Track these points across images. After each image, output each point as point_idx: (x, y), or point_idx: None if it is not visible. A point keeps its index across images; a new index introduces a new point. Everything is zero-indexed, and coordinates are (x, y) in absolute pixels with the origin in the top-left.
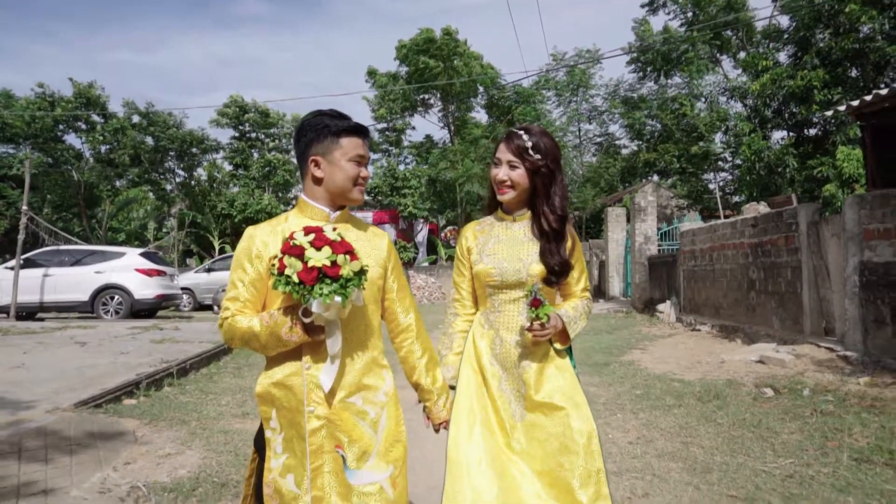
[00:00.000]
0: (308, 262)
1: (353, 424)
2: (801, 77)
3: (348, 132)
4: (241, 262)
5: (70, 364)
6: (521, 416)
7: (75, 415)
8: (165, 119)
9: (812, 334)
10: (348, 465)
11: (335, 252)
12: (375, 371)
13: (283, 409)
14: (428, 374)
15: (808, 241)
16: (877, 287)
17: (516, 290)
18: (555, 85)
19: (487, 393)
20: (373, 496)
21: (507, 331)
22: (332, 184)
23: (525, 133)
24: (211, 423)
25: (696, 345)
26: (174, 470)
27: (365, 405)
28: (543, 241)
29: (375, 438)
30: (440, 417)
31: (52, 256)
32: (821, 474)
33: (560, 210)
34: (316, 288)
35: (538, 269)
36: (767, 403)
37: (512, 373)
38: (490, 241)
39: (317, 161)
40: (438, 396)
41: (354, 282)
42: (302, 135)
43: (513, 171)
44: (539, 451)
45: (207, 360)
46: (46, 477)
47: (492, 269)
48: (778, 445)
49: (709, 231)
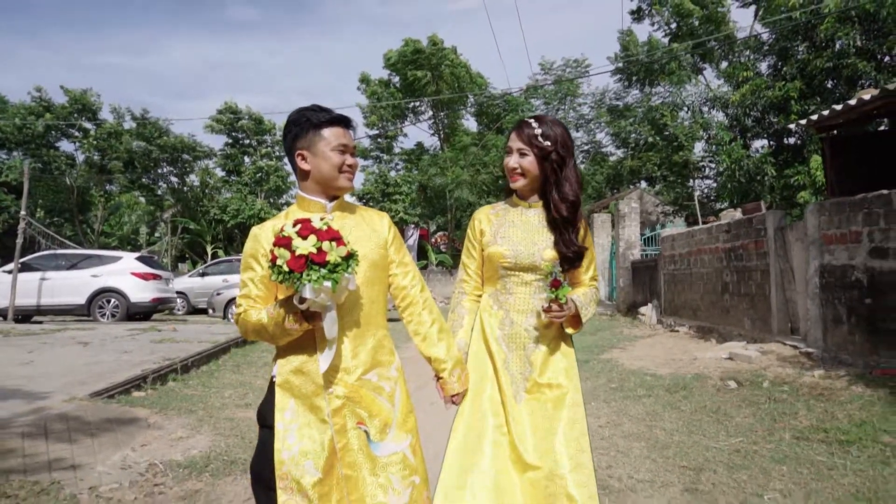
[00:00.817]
0: (295, 251)
1: (371, 399)
2: (779, 88)
3: (329, 123)
4: (249, 263)
5: (77, 361)
6: (521, 397)
7: (91, 404)
8: (158, 125)
9: (779, 333)
10: (372, 438)
11: (320, 239)
12: (386, 348)
13: (301, 395)
14: (440, 343)
15: (775, 245)
16: (835, 288)
17: (529, 273)
18: (543, 94)
19: (493, 372)
20: (397, 465)
21: (518, 313)
22: (318, 174)
23: (535, 121)
24: (216, 412)
25: (673, 344)
26: (187, 450)
27: (380, 381)
28: (557, 229)
29: (393, 411)
30: (453, 390)
31: (49, 260)
32: (764, 449)
33: (572, 196)
34: (304, 274)
35: (551, 254)
36: (729, 394)
37: (518, 354)
38: (504, 225)
39: (302, 154)
40: (454, 367)
41: (342, 266)
42: (287, 132)
43: (523, 158)
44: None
45: (207, 358)
46: (73, 455)
47: (506, 250)
48: (731, 427)
49: (687, 236)
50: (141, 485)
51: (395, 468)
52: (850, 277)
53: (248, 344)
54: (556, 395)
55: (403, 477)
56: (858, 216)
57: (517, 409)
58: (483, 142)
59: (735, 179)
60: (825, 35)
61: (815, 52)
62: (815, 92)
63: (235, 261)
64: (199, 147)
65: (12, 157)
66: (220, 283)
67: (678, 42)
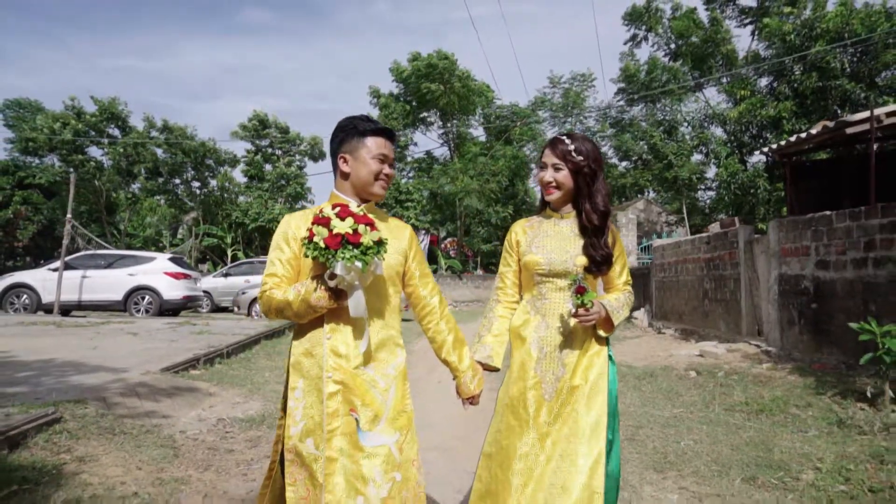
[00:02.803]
0: (333, 229)
1: (365, 390)
2: (773, 107)
3: (374, 133)
4: (279, 244)
5: (136, 347)
6: (550, 395)
7: (162, 377)
8: (184, 131)
9: (747, 334)
10: (361, 427)
11: (357, 222)
12: (390, 347)
13: (308, 377)
14: (455, 352)
15: (744, 256)
16: (789, 295)
17: (562, 279)
18: (550, 106)
19: (525, 372)
20: (380, 457)
21: (553, 317)
22: (356, 178)
23: (568, 138)
24: (261, 386)
25: (657, 344)
26: (245, 410)
27: (376, 375)
28: (587, 236)
29: (385, 406)
30: (468, 392)
31: (88, 260)
32: (695, 416)
33: (602, 206)
34: (339, 252)
35: (583, 260)
36: (687, 381)
37: (552, 356)
38: (539, 236)
39: (345, 158)
40: (465, 373)
41: (374, 250)
42: (335, 135)
43: (558, 172)
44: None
45: (243, 347)
46: (160, 410)
47: (540, 258)
48: (677, 402)
49: (674, 247)
50: (215, 431)
51: (379, 460)
52: (801, 285)
53: (276, 336)
54: (587, 397)
55: (385, 471)
56: (808, 233)
57: (544, 409)
58: (491, 152)
59: (731, 192)
60: (816, 57)
61: (807, 73)
62: (807, 112)
63: (257, 262)
64: (226, 152)
65: (44, 161)
66: (243, 283)
67: (678, 59)
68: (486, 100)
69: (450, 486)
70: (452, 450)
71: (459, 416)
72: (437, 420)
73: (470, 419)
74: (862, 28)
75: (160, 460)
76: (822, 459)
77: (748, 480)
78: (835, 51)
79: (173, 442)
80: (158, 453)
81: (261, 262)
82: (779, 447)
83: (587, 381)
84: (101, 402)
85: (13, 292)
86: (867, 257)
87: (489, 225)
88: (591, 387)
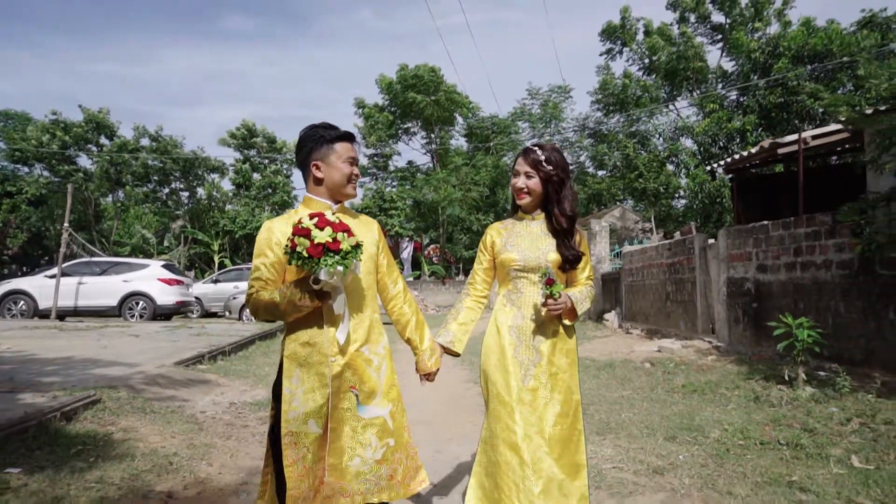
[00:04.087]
0: (314, 239)
1: (363, 369)
2: (738, 120)
3: (340, 139)
4: (263, 250)
5: (142, 346)
6: (527, 380)
7: (176, 369)
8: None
9: (702, 332)
10: (360, 401)
11: (335, 231)
12: (377, 329)
13: (307, 364)
14: (416, 332)
15: (699, 261)
16: (735, 295)
17: (535, 274)
18: (529, 117)
19: (504, 359)
20: (377, 426)
21: (527, 308)
22: (331, 182)
23: (539, 149)
24: (263, 377)
25: (622, 342)
26: (253, 396)
27: (371, 355)
28: (557, 237)
29: (379, 381)
30: (426, 368)
31: (83, 267)
32: (640, 396)
33: (570, 211)
34: (322, 260)
35: (554, 257)
36: (641, 370)
37: (526, 343)
38: (513, 236)
39: (317, 165)
40: (424, 352)
41: (353, 254)
42: (303, 145)
43: (529, 180)
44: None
45: (241, 346)
46: (179, 395)
47: (515, 256)
48: (628, 386)
49: (641, 253)
50: (230, 412)
51: (375, 429)
52: (744, 287)
53: (269, 337)
54: (557, 380)
55: (380, 438)
56: (750, 240)
57: (523, 392)
58: (474, 161)
59: (699, 201)
60: (779, 73)
61: (770, 89)
62: (772, 124)
63: (245, 269)
64: (215, 161)
65: (32, 172)
66: (232, 289)
67: (650, 74)
68: (469, 111)
69: (432, 447)
70: (432, 422)
71: (435, 399)
72: (418, 402)
73: (442, 401)
74: (821, 47)
75: (188, 432)
76: (731, 424)
77: (669, 439)
78: (796, 68)
79: (196, 419)
80: (186, 427)
81: (249, 269)
82: (700, 416)
83: (561, 369)
84: (129, 389)
85: (10, 298)
86: (796, 261)
87: (471, 232)
88: (565, 372)
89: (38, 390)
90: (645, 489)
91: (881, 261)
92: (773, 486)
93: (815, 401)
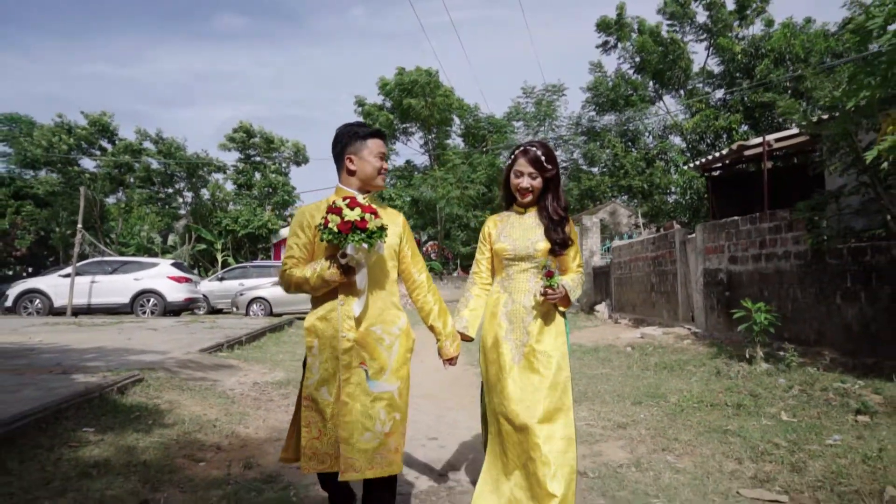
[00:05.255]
0: (345, 217)
1: (374, 346)
2: (723, 118)
3: (372, 135)
4: (296, 231)
5: (164, 338)
6: (518, 360)
7: (201, 356)
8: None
9: (683, 320)
10: (370, 376)
11: (364, 212)
12: (392, 311)
13: (323, 337)
14: (439, 320)
15: (680, 254)
16: (711, 285)
17: (525, 262)
18: (524, 116)
19: (498, 341)
20: (385, 400)
21: (518, 293)
22: (362, 174)
23: (539, 150)
24: (279, 363)
25: (610, 331)
26: (273, 377)
27: (382, 334)
28: (550, 225)
29: (389, 359)
30: (448, 353)
31: (95, 266)
32: (617, 373)
33: (564, 203)
34: (350, 236)
35: (543, 245)
36: (622, 353)
37: (518, 326)
38: (506, 227)
39: (351, 158)
40: (447, 338)
41: (377, 234)
42: (339, 140)
43: (534, 180)
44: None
45: (253, 337)
46: (209, 377)
47: (507, 246)
48: (608, 366)
49: (628, 247)
50: (255, 389)
51: (383, 404)
52: (718, 277)
53: (279, 330)
54: (546, 358)
55: (388, 412)
56: (723, 234)
57: (515, 369)
58: (470, 160)
59: (688, 197)
60: (761, 74)
61: (754, 89)
62: (756, 122)
63: (251, 267)
64: (216, 162)
65: (37, 174)
66: (237, 286)
67: (640, 73)
68: (466, 111)
69: (434, 414)
70: (435, 396)
71: (437, 378)
72: (423, 380)
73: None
74: (801, 49)
75: (223, 404)
76: (689, 392)
77: (635, 403)
78: (777, 69)
79: (227, 395)
80: (220, 400)
81: (254, 267)
82: (665, 387)
83: (550, 347)
84: (165, 371)
85: (26, 297)
86: (761, 253)
87: (468, 229)
88: (556, 351)
89: (87, 372)
90: (609, 438)
91: (830, 252)
92: (712, 433)
93: (767, 374)
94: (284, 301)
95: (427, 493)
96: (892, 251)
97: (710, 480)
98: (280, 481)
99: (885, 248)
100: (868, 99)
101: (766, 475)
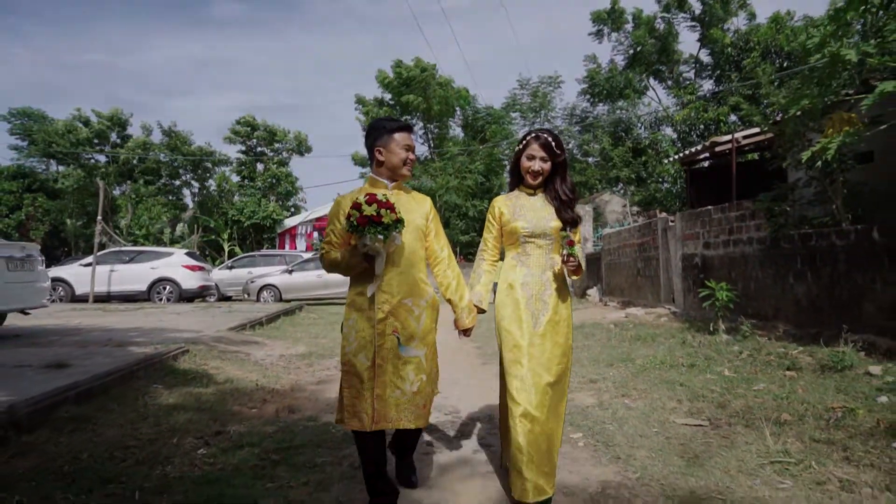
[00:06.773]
0: (363, 212)
1: (405, 317)
2: (712, 111)
3: (399, 129)
4: (332, 219)
5: (191, 320)
6: (538, 326)
7: (230, 333)
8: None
9: (665, 302)
10: (401, 343)
11: (380, 208)
12: (421, 286)
13: (360, 310)
14: (457, 293)
15: (662, 241)
16: (688, 269)
17: (541, 238)
18: (520, 108)
19: (518, 310)
20: (414, 363)
21: (535, 267)
22: (390, 164)
23: (550, 136)
24: (300, 339)
25: (599, 312)
26: (296, 350)
27: (413, 306)
28: (560, 206)
29: (418, 328)
30: (464, 324)
31: (113, 256)
32: (599, 345)
33: (571, 185)
34: (367, 228)
35: (556, 223)
36: (605, 329)
37: (537, 297)
38: (519, 208)
39: (380, 150)
40: (464, 310)
41: (392, 227)
42: (369, 134)
43: (545, 164)
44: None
45: (269, 319)
46: (241, 350)
47: (525, 224)
48: (591, 339)
49: (617, 235)
50: (282, 360)
51: (412, 366)
52: (694, 261)
53: (292, 314)
54: (560, 327)
55: (416, 374)
56: (698, 222)
57: (536, 334)
58: (469, 149)
59: (678, 186)
60: (749, 67)
61: (742, 81)
62: (744, 115)
63: (258, 256)
64: (221, 154)
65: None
66: (246, 274)
67: (634, 66)
68: (465, 102)
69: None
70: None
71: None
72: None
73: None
74: (786, 42)
75: (259, 370)
76: (654, 356)
77: (608, 365)
78: (764, 62)
79: (260, 364)
80: (256, 367)
81: (261, 256)
82: (635, 353)
83: (563, 317)
84: (204, 345)
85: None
86: (730, 239)
87: (467, 217)
88: (565, 321)
89: (138, 346)
90: (582, 390)
91: (784, 238)
92: (664, 384)
93: (726, 344)
94: (292, 288)
95: (435, 424)
96: (831, 237)
97: (654, 414)
98: (320, 420)
99: (826, 233)
100: (811, 106)
101: (698, 410)
